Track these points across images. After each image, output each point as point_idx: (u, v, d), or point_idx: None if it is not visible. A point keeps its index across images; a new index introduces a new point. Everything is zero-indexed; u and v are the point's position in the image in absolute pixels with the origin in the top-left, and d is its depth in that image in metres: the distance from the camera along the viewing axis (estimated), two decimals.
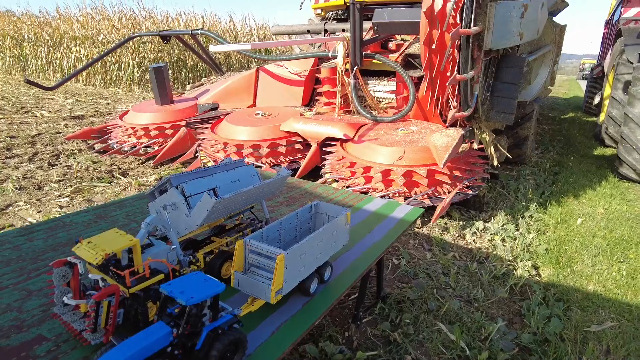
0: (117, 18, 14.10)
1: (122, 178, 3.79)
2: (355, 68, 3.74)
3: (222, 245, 1.28)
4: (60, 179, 3.77)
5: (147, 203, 1.26)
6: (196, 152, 3.99)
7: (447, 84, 2.42)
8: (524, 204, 3.74)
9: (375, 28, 3.54)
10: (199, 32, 4.80)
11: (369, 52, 4.11)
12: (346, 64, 3.91)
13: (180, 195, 1.13)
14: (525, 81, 3.74)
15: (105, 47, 12.77)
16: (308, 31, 5.15)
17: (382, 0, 4.69)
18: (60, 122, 6.48)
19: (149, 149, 4.25)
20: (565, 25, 3.85)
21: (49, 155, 4.51)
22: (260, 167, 3.57)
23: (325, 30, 4.91)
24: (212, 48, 3.80)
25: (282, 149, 3.68)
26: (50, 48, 13.98)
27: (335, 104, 4.23)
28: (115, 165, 4.17)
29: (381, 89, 4.48)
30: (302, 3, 5.64)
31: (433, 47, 2.35)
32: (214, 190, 1.22)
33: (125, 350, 0.74)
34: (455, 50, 2.35)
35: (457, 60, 2.43)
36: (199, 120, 4.33)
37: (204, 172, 1.25)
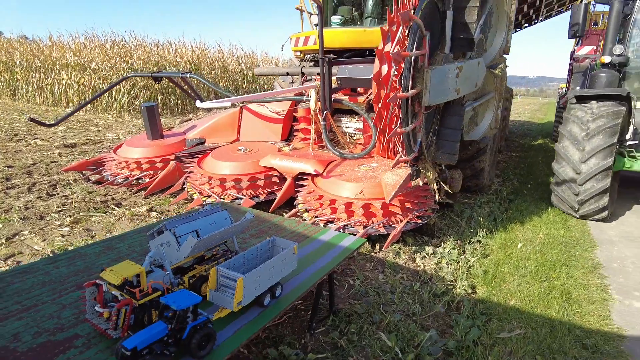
0: (109, 46, 14.63)
1: (117, 208, 4.22)
2: (325, 112, 4.29)
3: (202, 271, 1.75)
4: (59, 209, 4.18)
5: (145, 237, 1.71)
6: (184, 184, 4.46)
7: (389, 135, 2.95)
8: (471, 230, 4.27)
9: (339, 82, 4.12)
10: (188, 75, 5.33)
11: (338, 95, 4.70)
12: (318, 107, 4.46)
13: (172, 236, 1.61)
14: (473, 123, 4.33)
15: (96, 74, 13.25)
16: (287, 73, 5.73)
17: (345, 52, 5.34)
18: (54, 151, 6.87)
19: (140, 181, 4.69)
20: (504, 74, 4.47)
21: (46, 185, 4.91)
22: (241, 198, 4.05)
23: (303, 74, 5.50)
24: (198, 104, 4.33)
25: (260, 182, 4.18)
26: (42, 74, 14.40)
27: (310, 140, 4.76)
28: (110, 195, 4.60)
29: (352, 126, 5.05)
30: (282, 45, 6.23)
31: (380, 105, 2.89)
32: (196, 231, 1.70)
33: (139, 336, 1.21)
34: (397, 108, 2.90)
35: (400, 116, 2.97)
36: (186, 155, 4.81)
37: (189, 218, 1.73)
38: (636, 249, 4.23)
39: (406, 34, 2.81)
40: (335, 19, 5.62)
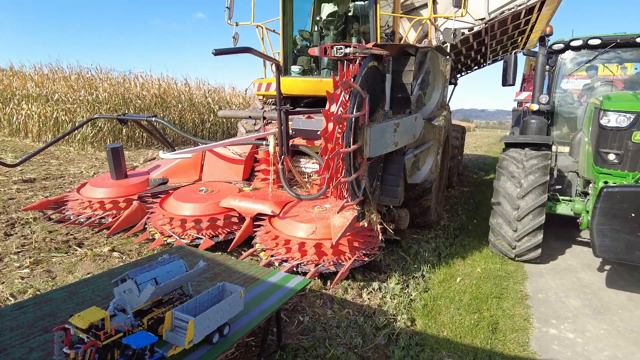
0: (74, 78, 14.59)
1: (78, 248, 4.34)
2: (282, 156, 4.66)
3: (159, 314, 2.01)
4: (18, 249, 4.24)
5: (108, 281, 1.94)
6: (146, 224, 4.64)
7: (334, 184, 3.34)
8: (416, 266, 4.67)
9: (294, 132, 4.54)
10: (154, 119, 5.61)
11: (297, 140, 5.11)
12: (276, 151, 4.83)
13: (134, 284, 1.87)
14: (415, 168, 4.81)
15: (59, 106, 13.13)
16: (250, 117, 6.11)
17: (304, 98, 5.82)
18: (12, 187, 6.78)
19: (103, 221, 4.83)
20: (441, 126, 5.03)
21: (4, 224, 4.92)
22: (201, 239, 4.29)
23: (264, 117, 5.90)
24: (162, 155, 4.59)
25: (220, 223, 4.44)
26: (0, 104, 14.11)
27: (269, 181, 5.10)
28: (71, 235, 4.70)
29: (310, 167, 5.44)
30: (246, 89, 6.64)
31: (326, 157, 3.28)
32: (155, 279, 1.96)
33: None
34: (340, 160, 3.30)
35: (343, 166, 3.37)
36: (149, 195, 5.01)
37: (149, 267, 2.00)
38: (560, 280, 4.74)
39: (347, 98, 3.25)
40: (295, 68, 6.11)
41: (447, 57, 4.72)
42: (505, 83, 6.00)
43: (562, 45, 5.85)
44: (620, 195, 3.67)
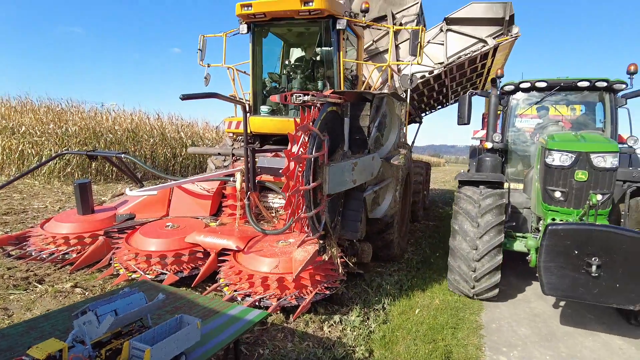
0: (43, 111, 14.43)
1: (39, 285, 4.30)
2: (249, 193, 4.84)
3: (118, 345, 2.10)
4: None
5: (68, 316, 2.02)
6: (111, 260, 4.66)
7: (295, 219, 3.54)
8: (377, 298, 4.84)
9: (259, 170, 4.77)
10: (123, 156, 5.72)
11: (264, 176, 5.32)
12: (243, 187, 5.01)
13: (94, 315, 1.97)
14: (375, 203, 5.08)
15: (25, 139, 12.92)
16: (219, 153, 6.31)
17: (272, 136, 6.10)
18: None
19: (67, 256, 4.81)
20: (399, 164, 5.37)
21: None
22: (165, 274, 4.34)
23: (233, 154, 6.10)
24: (128, 192, 4.70)
25: (185, 258, 4.52)
26: None
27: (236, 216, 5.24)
28: (32, 271, 4.65)
29: (278, 202, 5.62)
30: (217, 127, 6.87)
31: (288, 194, 3.49)
32: (115, 311, 2.07)
33: None
34: (300, 197, 3.51)
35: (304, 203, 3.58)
36: (116, 230, 5.04)
37: (110, 300, 2.11)
38: (514, 309, 5.00)
39: (307, 139, 3.51)
40: (264, 108, 6.41)
41: (402, 102, 5.10)
42: (460, 122, 6.12)
43: (512, 87, 6.11)
44: (563, 232, 3.70)
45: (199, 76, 6.78)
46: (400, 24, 9.18)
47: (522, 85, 5.98)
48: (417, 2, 9.26)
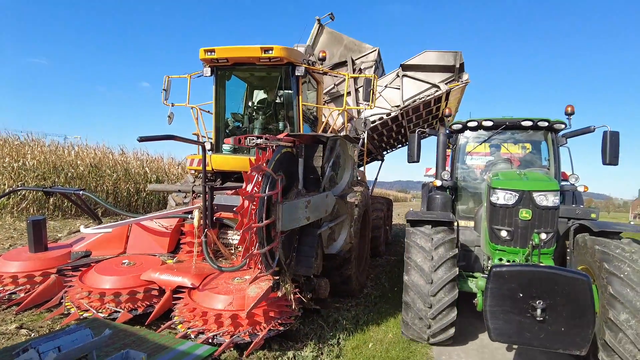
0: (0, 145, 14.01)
1: None
2: (206, 230, 4.94)
3: None
4: None
5: (12, 357, 2.06)
6: (62, 298, 4.57)
7: (247, 256, 3.68)
8: (332, 334, 4.94)
9: (217, 208, 4.91)
10: (81, 192, 5.71)
11: (222, 214, 5.43)
12: (200, 224, 5.10)
13: (36, 353, 2.02)
14: (331, 239, 5.29)
15: None
16: (179, 190, 6.39)
17: (234, 174, 6.29)
18: None
19: (14, 296, 4.68)
20: (354, 202, 5.65)
21: None
22: (119, 312, 4.30)
23: (193, 191, 6.21)
24: (83, 230, 4.70)
25: (140, 296, 4.50)
26: None
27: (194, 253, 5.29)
28: None
29: (237, 239, 5.71)
30: (179, 164, 6.97)
31: (241, 231, 3.64)
32: (59, 347, 2.12)
33: None
34: (253, 234, 3.67)
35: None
36: (69, 268, 4.97)
37: (54, 336, 2.16)
38: (464, 342, 5.19)
39: (260, 179, 3.72)
40: (226, 146, 6.61)
41: (355, 143, 5.44)
42: (410, 160, 6.20)
43: (460, 126, 6.15)
44: (507, 274, 3.57)
45: (166, 111, 6.89)
46: (360, 70, 9.80)
47: (470, 124, 6.06)
48: (375, 50, 9.95)
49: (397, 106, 9.67)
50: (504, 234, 4.69)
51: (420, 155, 6.30)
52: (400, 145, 14.81)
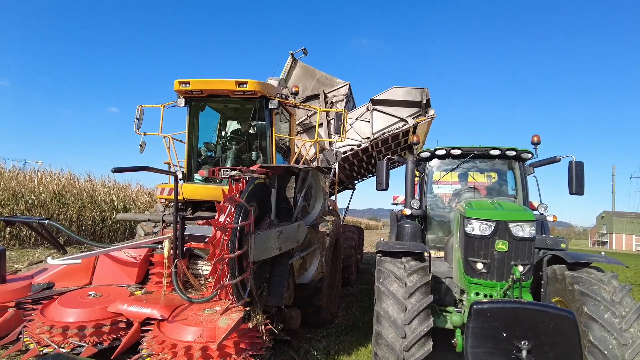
0: None
1: None
2: (176, 261, 4.90)
3: None
4: None
5: None
6: (20, 333, 4.38)
7: (219, 287, 3.69)
8: None
9: (187, 238, 4.92)
10: (46, 222, 5.55)
11: (193, 244, 5.41)
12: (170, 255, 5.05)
13: None
14: (303, 269, 5.34)
15: None
16: (149, 220, 6.32)
17: (206, 203, 6.30)
18: None
19: None
20: (326, 231, 5.76)
21: None
22: (83, 346, 4.16)
23: (163, 220, 6.15)
24: (50, 261, 4.59)
25: (106, 328, 4.38)
26: None
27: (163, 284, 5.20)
28: None
29: (207, 269, 5.66)
30: (148, 193, 6.91)
31: (213, 262, 3.67)
32: None
33: None
34: (225, 265, 3.71)
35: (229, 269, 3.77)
36: (29, 301, 4.78)
37: None
38: None
39: (233, 210, 3.79)
40: (198, 175, 6.63)
41: (326, 174, 5.62)
42: (379, 187, 6.07)
43: (428, 154, 6.10)
44: (489, 312, 3.37)
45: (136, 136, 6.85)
46: (332, 103, 10.15)
47: (438, 152, 6.01)
48: (346, 84, 10.36)
49: (368, 138, 10.02)
50: (479, 266, 4.44)
51: (389, 183, 6.12)
52: (370, 175, 15.18)
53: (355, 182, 14.32)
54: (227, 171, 3.90)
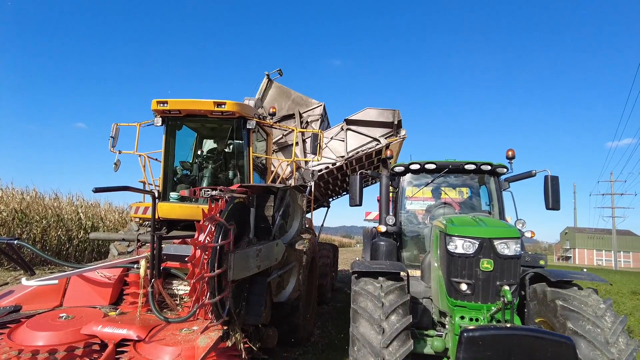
0: None
1: None
2: (152, 280, 4.87)
3: None
4: None
5: None
6: None
7: (199, 306, 3.72)
8: None
9: (165, 257, 4.91)
10: (15, 242, 5.38)
11: (169, 263, 5.37)
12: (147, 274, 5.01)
13: None
14: (280, 287, 5.40)
15: None
16: (123, 239, 6.24)
17: (181, 222, 6.30)
18: None
19: None
20: (303, 249, 5.85)
21: None
22: None
23: (139, 240, 6.09)
24: (25, 282, 4.47)
25: (79, 352, 4.27)
26: None
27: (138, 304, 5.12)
28: None
29: (183, 289, 5.62)
30: (123, 212, 6.83)
31: (192, 281, 3.70)
32: None
33: None
34: (205, 284, 3.74)
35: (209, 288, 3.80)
36: None
37: None
38: None
39: (214, 229, 3.85)
40: (174, 194, 6.62)
41: (303, 193, 5.75)
42: (352, 203, 5.95)
43: (402, 168, 5.98)
44: (482, 340, 3.16)
45: (105, 154, 6.80)
46: (307, 122, 10.37)
47: (412, 167, 5.89)
48: (321, 105, 10.63)
49: (342, 157, 10.25)
50: (463, 287, 4.17)
51: (362, 199, 6.01)
52: (344, 192, 15.41)
53: (330, 199, 14.50)
54: (208, 191, 3.97)
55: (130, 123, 6.89)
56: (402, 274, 4.73)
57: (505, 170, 5.76)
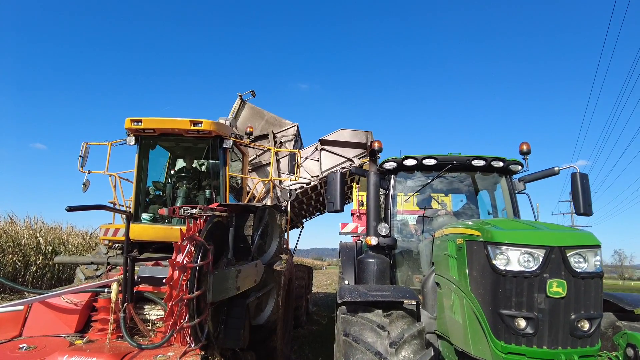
0: None
1: None
2: (125, 304, 4.63)
3: None
4: None
5: None
6: None
7: (177, 330, 3.56)
8: None
9: (139, 280, 4.71)
10: None
11: (141, 287, 5.14)
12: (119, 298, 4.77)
13: None
14: (259, 310, 5.26)
15: None
16: (92, 262, 5.94)
17: (154, 244, 6.10)
18: None
19: None
20: (281, 270, 5.76)
21: None
22: None
23: (109, 263, 5.81)
24: None
25: None
26: None
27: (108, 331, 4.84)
28: None
29: (155, 314, 5.37)
30: (91, 234, 6.53)
31: (170, 304, 3.54)
32: None
33: None
34: (184, 306, 3.60)
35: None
36: None
37: None
38: None
39: (193, 248, 3.74)
40: (146, 215, 6.41)
41: (282, 212, 5.70)
42: (331, 208, 4.81)
43: (394, 165, 4.77)
44: None
45: (66, 176, 6.55)
46: (281, 142, 10.39)
47: (407, 162, 4.68)
48: (295, 125, 10.70)
49: (317, 176, 10.28)
50: (522, 323, 2.81)
51: (343, 203, 4.82)
52: (318, 213, 15.40)
53: (304, 220, 14.44)
54: (188, 209, 3.87)
55: (100, 142, 6.68)
56: (411, 302, 3.62)
57: (520, 167, 4.67)
